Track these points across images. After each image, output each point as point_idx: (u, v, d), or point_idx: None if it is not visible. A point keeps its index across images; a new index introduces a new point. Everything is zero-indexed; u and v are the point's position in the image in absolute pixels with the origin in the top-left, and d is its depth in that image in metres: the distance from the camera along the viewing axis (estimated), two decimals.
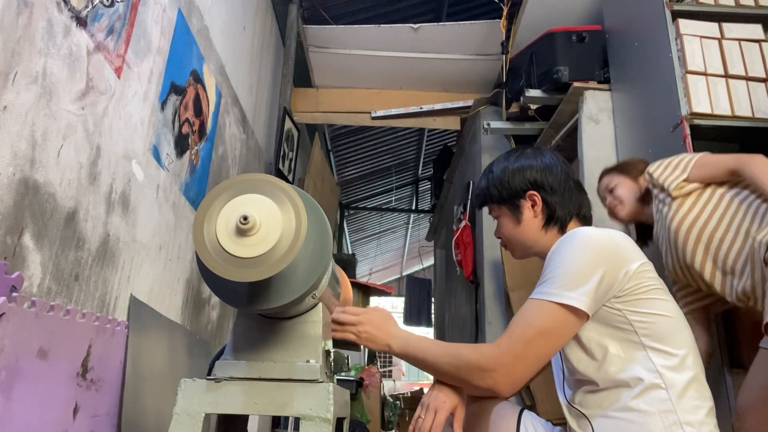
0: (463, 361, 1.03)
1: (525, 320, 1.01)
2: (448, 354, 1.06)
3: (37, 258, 1.21)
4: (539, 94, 2.79)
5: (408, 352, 1.11)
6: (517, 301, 2.90)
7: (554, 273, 1.03)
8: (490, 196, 1.26)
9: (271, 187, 0.98)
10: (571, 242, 1.07)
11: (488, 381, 1.00)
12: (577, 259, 1.03)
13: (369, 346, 1.14)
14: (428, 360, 1.09)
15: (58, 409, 1.27)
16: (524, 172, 1.22)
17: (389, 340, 1.12)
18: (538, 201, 1.20)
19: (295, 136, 3.61)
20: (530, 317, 1.01)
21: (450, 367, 1.05)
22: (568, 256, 1.04)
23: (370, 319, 1.15)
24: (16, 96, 1.14)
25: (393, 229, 9.39)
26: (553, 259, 1.06)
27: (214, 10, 2.39)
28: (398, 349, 1.12)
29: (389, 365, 11.39)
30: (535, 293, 1.04)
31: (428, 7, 4.06)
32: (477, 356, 1.02)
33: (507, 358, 1.00)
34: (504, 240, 1.29)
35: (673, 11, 1.99)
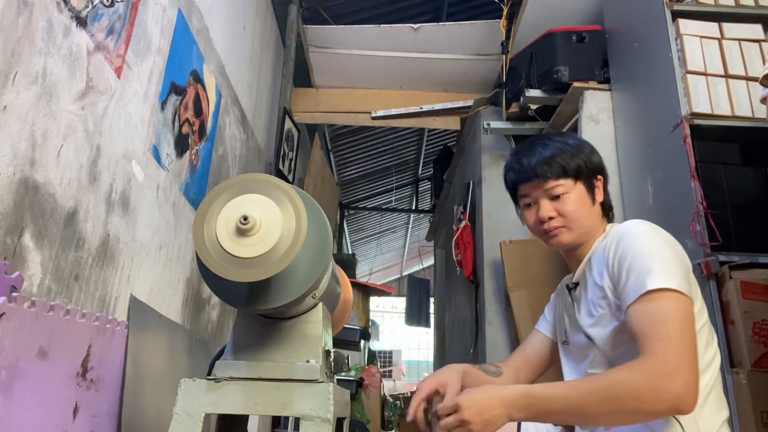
0: (624, 390, 0.85)
1: (658, 318, 0.90)
2: (598, 390, 0.87)
3: (37, 258, 1.21)
4: (539, 94, 2.79)
5: (538, 411, 0.91)
6: (517, 301, 2.90)
7: (649, 263, 0.95)
8: (575, 167, 1.14)
9: (271, 187, 0.98)
10: (648, 233, 1.01)
11: (668, 398, 0.83)
12: (666, 251, 0.98)
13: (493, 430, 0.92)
14: (572, 408, 0.88)
15: (58, 409, 1.27)
16: (598, 157, 1.19)
17: (507, 411, 0.90)
18: (601, 187, 1.18)
19: (295, 136, 3.61)
20: (661, 313, 0.90)
21: (608, 405, 0.86)
22: (655, 246, 0.98)
23: (467, 402, 0.91)
24: (16, 96, 1.14)
25: (393, 229, 9.39)
26: (632, 250, 0.99)
27: (214, 10, 2.39)
28: (524, 414, 0.91)
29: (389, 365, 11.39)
30: (637, 288, 0.93)
31: (428, 7, 4.06)
32: (640, 376, 0.85)
33: (674, 363, 0.85)
34: (562, 218, 1.13)
35: (673, 11, 1.99)
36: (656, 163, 1.99)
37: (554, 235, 1.15)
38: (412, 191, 7.61)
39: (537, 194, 1.16)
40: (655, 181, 2.02)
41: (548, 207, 1.14)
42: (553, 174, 1.14)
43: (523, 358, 1.34)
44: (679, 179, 1.85)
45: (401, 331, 13.84)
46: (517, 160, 1.19)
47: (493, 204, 3.38)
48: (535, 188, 1.15)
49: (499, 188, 3.41)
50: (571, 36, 2.70)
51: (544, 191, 1.15)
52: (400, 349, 12.54)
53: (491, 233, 3.31)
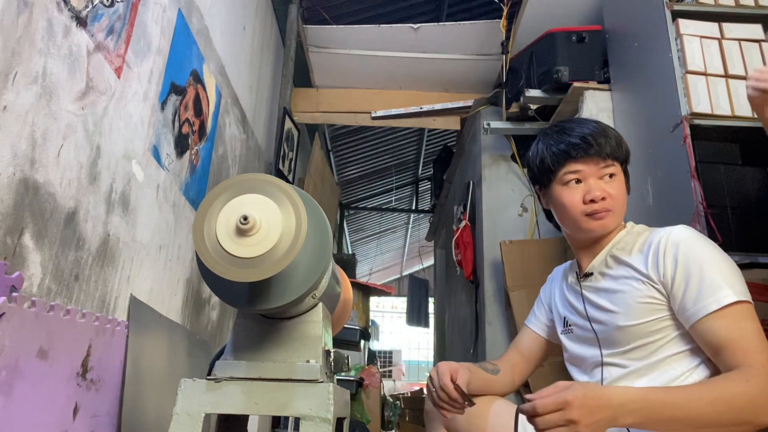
0: (743, 401, 0.86)
1: (750, 330, 0.92)
2: (716, 399, 0.87)
3: (37, 258, 1.21)
4: (539, 94, 2.79)
5: (651, 417, 0.87)
6: (517, 301, 2.90)
7: (719, 276, 0.97)
8: (623, 153, 1.15)
9: (271, 187, 0.98)
10: (706, 243, 1.04)
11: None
12: (726, 261, 1.01)
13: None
14: (688, 416, 0.87)
15: (58, 409, 1.27)
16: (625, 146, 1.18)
17: (615, 414, 0.86)
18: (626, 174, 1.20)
19: (295, 136, 3.61)
20: (751, 325, 0.92)
21: (725, 415, 0.86)
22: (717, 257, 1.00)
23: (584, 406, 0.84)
24: (16, 96, 1.14)
25: (393, 229, 9.39)
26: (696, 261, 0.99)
27: (214, 10, 2.39)
28: (633, 419, 0.87)
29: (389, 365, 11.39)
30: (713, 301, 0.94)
31: (428, 7, 4.06)
32: (758, 387, 0.86)
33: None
34: (608, 202, 1.11)
35: (673, 11, 1.99)
36: (656, 163, 1.99)
37: (601, 217, 1.11)
38: (412, 191, 7.61)
39: (589, 171, 1.12)
40: (655, 180, 2.02)
41: (602, 186, 1.11)
42: (611, 149, 1.11)
43: (519, 354, 1.37)
44: (679, 179, 1.85)
45: (401, 331, 13.84)
46: (561, 137, 1.15)
47: (493, 204, 3.38)
48: (588, 164, 1.11)
49: (499, 188, 3.42)
50: (571, 36, 2.70)
51: (598, 169, 1.11)
52: (400, 349, 12.55)
53: (491, 233, 3.31)
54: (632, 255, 1.10)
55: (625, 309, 1.08)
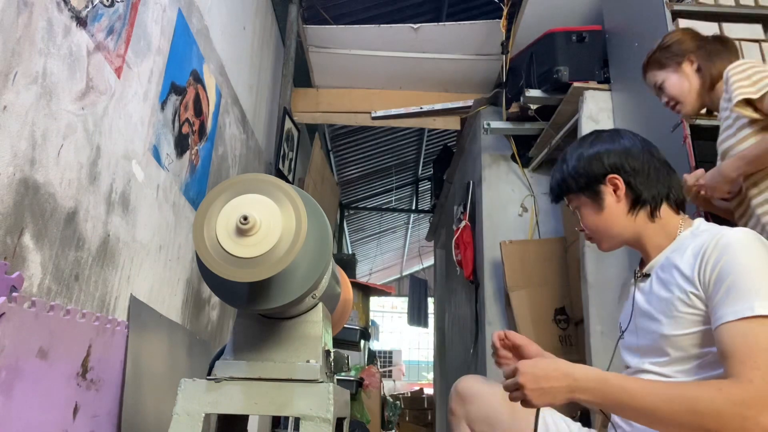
0: (709, 408, 0.82)
1: (760, 345, 0.86)
2: (680, 399, 0.85)
3: (37, 258, 1.21)
4: (539, 94, 2.79)
5: (608, 399, 0.89)
6: (517, 301, 2.90)
7: (756, 285, 0.90)
8: (567, 186, 1.19)
9: (271, 187, 0.98)
10: (757, 249, 0.96)
11: (755, 430, 0.80)
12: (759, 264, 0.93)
13: (549, 405, 0.93)
14: (645, 407, 0.86)
15: (58, 409, 1.27)
16: (602, 156, 1.15)
17: (571, 388, 0.90)
18: (620, 185, 1.13)
19: (295, 136, 3.61)
20: (763, 339, 0.86)
21: (685, 417, 0.84)
22: (764, 265, 0.93)
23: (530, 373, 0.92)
24: (16, 96, 1.14)
25: (393, 229, 9.39)
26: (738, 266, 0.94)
27: (214, 10, 2.39)
28: (589, 397, 0.90)
29: (389, 365, 11.39)
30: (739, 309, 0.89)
31: (428, 7, 4.06)
32: (729, 399, 0.82)
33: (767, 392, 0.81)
34: (588, 232, 1.18)
35: (673, 11, 1.99)
36: None
37: (595, 244, 1.21)
38: (412, 191, 7.61)
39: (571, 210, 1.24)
40: None
41: (579, 222, 1.21)
42: (560, 191, 1.21)
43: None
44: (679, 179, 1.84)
45: (401, 331, 13.85)
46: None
47: (493, 204, 3.38)
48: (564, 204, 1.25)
49: (499, 188, 3.42)
50: (571, 36, 2.70)
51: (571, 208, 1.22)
52: (400, 349, 12.55)
53: (491, 233, 3.31)
54: (685, 258, 1.04)
55: (668, 317, 1.03)
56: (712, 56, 1.54)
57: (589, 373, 0.92)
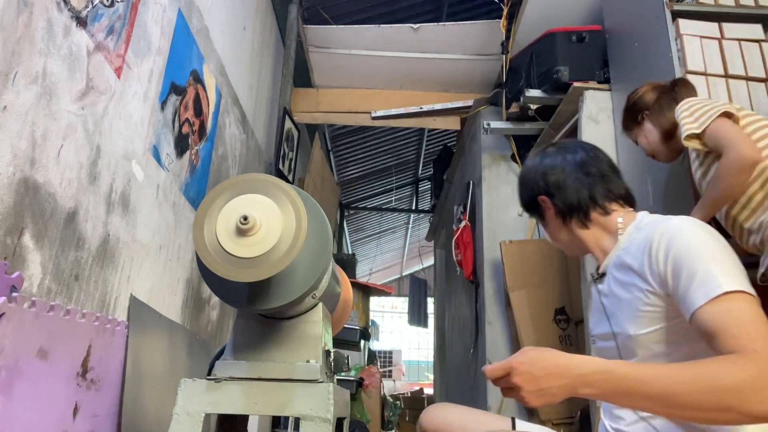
0: (726, 383, 0.79)
1: (745, 316, 0.85)
2: (696, 378, 0.80)
3: (37, 258, 1.21)
4: (539, 94, 2.79)
5: (616, 390, 0.83)
6: (517, 301, 2.90)
7: (714, 266, 0.90)
8: (523, 203, 1.28)
9: (271, 187, 0.98)
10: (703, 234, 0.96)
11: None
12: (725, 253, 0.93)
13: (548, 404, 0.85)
14: (660, 393, 0.81)
15: (58, 409, 1.27)
16: (528, 180, 1.24)
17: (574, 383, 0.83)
18: (547, 203, 1.19)
19: (295, 136, 3.61)
20: (746, 312, 0.85)
21: (704, 397, 0.79)
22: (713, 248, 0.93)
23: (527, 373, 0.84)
24: (16, 96, 1.14)
25: (393, 229, 9.39)
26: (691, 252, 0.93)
27: (214, 10, 2.39)
28: (594, 390, 0.84)
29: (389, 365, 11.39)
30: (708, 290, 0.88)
31: (428, 7, 4.06)
32: (745, 371, 0.79)
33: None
34: (553, 242, 1.27)
35: (673, 11, 1.99)
36: (657, 164, 1.99)
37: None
38: (412, 191, 7.61)
39: None
40: (656, 181, 2.02)
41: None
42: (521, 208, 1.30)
43: None
44: (679, 180, 1.85)
45: (401, 331, 13.85)
46: None
47: (493, 204, 3.38)
48: None
49: (499, 188, 3.42)
50: (571, 36, 2.70)
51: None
52: (400, 349, 12.55)
53: (491, 233, 3.31)
54: (634, 255, 1.05)
55: (631, 317, 1.03)
56: (663, 109, 1.66)
57: (592, 364, 0.85)
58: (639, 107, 1.73)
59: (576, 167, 1.18)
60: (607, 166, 1.18)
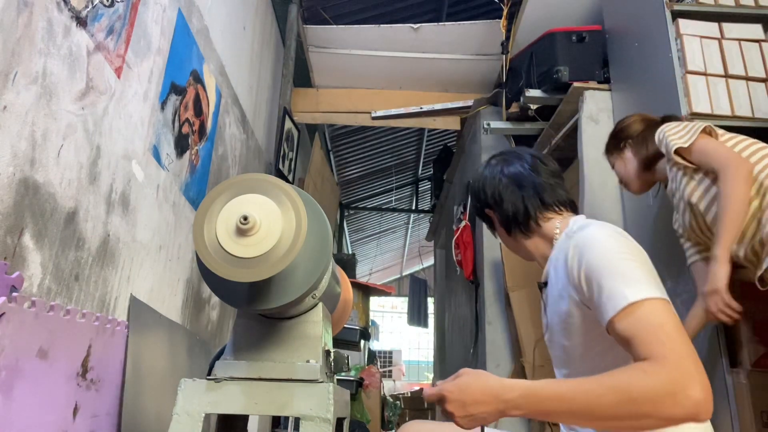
0: (640, 393, 0.81)
1: (652, 322, 0.87)
2: (611, 392, 0.83)
3: (37, 258, 1.21)
4: (539, 94, 2.79)
5: (540, 410, 0.87)
6: (517, 301, 2.90)
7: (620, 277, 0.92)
8: (478, 216, 1.33)
9: (271, 187, 0.98)
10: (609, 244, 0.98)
11: (687, 404, 0.79)
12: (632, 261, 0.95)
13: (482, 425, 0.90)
14: (580, 409, 0.84)
15: (58, 409, 1.27)
16: (475, 196, 1.29)
17: (501, 408, 0.87)
18: (493, 215, 1.25)
19: (295, 136, 3.61)
20: (653, 317, 0.87)
21: (621, 408, 0.82)
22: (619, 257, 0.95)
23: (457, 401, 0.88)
24: (16, 96, 1.14)
25: (393, 229, 9.39)
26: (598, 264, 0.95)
27: (214, 10, 2.39)
28: (522, 412, 0.87)
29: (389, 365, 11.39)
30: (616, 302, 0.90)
31: (428, 7, 4.06)
32: (656, 379, 0.81)
33: (688, 367, 0.81)
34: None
35: (673, 11, 1.99)
36: None
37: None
38: (412, 191, 7.60)
39: None
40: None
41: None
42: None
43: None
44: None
45: (401, 331, 13.84)
46: None
47: None
48: None
49: None
50: (571, 36, 2.70)
51: None
52: (400, 349, 12.54)
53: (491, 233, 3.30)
54: (561, 264, 1.07)
55: (564, 328, 1.06)
56: (646, 140, 1.69)
57: (516, 388, 0.87)
58: (624, 135, 1.77)
59: (510, 180, 1.21)
60: (546, 175, 1.20)
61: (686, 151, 1.52)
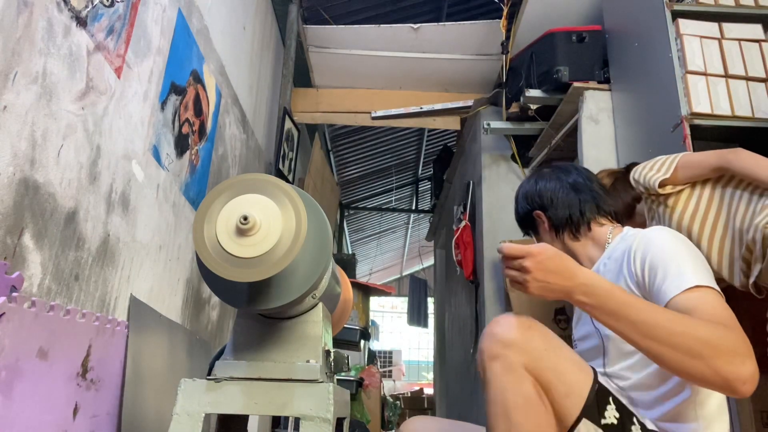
0: (706, 336, 0.83)
1: (715, 306, 0.90)
2: (680, 321, 0.86)
3: (37, 258, 1.21)
4: (539, 94, 2.79)
5: (605, 307, 0.89)
6: (517, 301, 2.90)
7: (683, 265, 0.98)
8: (520, 226, 1.43)
9: (271, 187, 0.98)
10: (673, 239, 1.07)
11: (739, 370, 0.81)
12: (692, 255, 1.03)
13: (541, 297, 0.95)
14: (643, 322, 0.86)
15: (58, 409, 1.27)
16: (526, 197, 1.37)
17: (572, 286, 0.91)
18: (542, 217, 1.32)
19: (295, 136, 3.61)
20: (715, 303, 0.91)
21: (679, 338, 0.84)
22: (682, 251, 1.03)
23: (541, 263, 0.91)
24: (16, 96, 1.14)
25: (393, 229, 9.39)
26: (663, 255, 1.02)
27: (214, 10, 2.39)
28: (587, 300, 0.90)
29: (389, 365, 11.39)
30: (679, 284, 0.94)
31: (428, 7, 4.06)
32: (725, 336, 0.84)
33: (747, 348, 0.84)
34: None
35: (673, 11, 1.99)
36: None
37: None
38: (412, 191, 7.60)
39: None
40: None
41: None
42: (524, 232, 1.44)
43: None
44: None
45: (401, 331, 13.84)
46: None
47: (493, 204, 3.38)
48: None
49: (499, 188, 3.42)
50: (571, 36, 2.70)
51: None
52: (400, 349, 12.54)
53: (491, 233, 3.31)
54: (615, 260, 1.16)
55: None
56: (618, 191, 1.72)
57: (595, 279, 0.91)
58: None
59: (569, 187, 1.32)
60: (597, 187, 1.33)
61: (671, 181, 1.51)
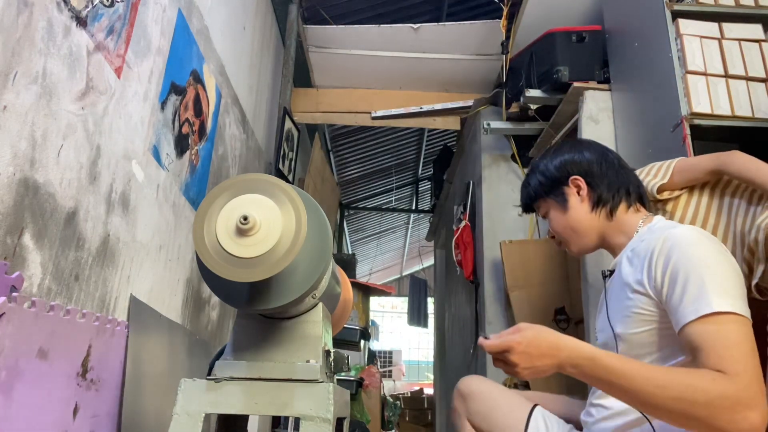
0: (701, 398, 0.81)
1: (730, 340, 0.86)
2: (674, 385, 0.83)
3: (37, 258, 1.21)
4: (539, 94, 2.79)
5: (596, 377, 0.88)
6: (517, 301, 2.90)
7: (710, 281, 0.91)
8: (535, 192, 1.28)
9: (271, 187, 0.98)
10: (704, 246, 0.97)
11: (743, 426, 0.79)
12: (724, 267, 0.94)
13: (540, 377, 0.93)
14: (636, 391, 0.85)
15: (58, 409, 1.27)
16: (565, 162, 1.24)
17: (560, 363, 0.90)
18: (582, 185, 1.21)
19: (295, 136, 3.61)
20: (732, 336, 0.86)
21: (676, 403, 0.82)
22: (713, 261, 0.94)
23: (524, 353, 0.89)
24: (16, 96, 1.14)
25: (393, 229, 9.39)
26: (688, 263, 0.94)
27: (214, 10, 2.39)
28: (577, 372, 0.90)
29: (389, 365, 11.39)
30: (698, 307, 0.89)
31: (428, 7, 4.06)
32: (722, 392, 0.81)
33: (756, 392, 0.81)
34: (557, 236, 1.25)
35: (673, 11, 1.99)
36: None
37: (564, 249, 1.27)
38: (412, 191, 7.60)
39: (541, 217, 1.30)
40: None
41: (549, 227, 1.28)
42: (529, 199, 1.31)
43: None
44: None
45: (401, 331, 13.84)
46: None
47: (493, 204, 3.38)
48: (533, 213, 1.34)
49: (499, 188, 3.42)
50: (571, 36, 2.70)
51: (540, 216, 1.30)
52: (400, 349, 12.55)
53: (491, 233, 3.30)
54: (638, 257, 1.06)
55: (620, 316, 1.07)
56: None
57: (580, 349, 0.90)
58: None
59: (620, 162, 1.25)
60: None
61: (669, 186, 1.49)
